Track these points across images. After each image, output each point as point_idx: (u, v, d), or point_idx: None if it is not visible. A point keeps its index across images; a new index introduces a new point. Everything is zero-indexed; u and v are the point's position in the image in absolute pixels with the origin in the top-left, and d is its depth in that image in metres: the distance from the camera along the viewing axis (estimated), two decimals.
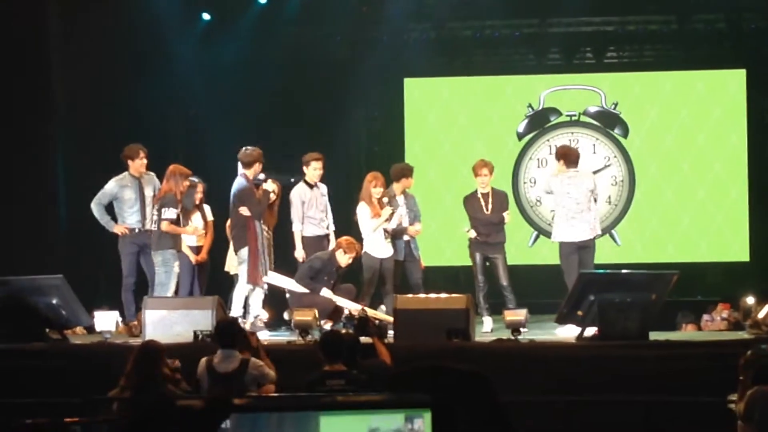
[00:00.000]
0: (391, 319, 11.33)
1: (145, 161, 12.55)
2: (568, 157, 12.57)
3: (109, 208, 12.58)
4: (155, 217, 12.08)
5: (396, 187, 12.75)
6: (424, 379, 4.09)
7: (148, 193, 12.51)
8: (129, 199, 12.47)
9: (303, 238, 12.63)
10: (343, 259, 12.22)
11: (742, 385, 8.41)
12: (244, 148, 12.47)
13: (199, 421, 3.77)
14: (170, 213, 11.93)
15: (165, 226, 11.90)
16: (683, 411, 9.97)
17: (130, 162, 12.55)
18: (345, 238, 12.36)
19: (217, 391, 8.61)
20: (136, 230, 12.43)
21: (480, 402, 4.08)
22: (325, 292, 12.15)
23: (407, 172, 12.89)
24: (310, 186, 12.68)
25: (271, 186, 12.37)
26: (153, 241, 12.07)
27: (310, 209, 12.59)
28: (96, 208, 12.50)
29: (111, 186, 12.55)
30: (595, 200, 12.58)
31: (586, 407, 10.04)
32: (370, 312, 11.71)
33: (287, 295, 12.43)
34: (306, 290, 12.16)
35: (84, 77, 14.53)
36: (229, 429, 3.78)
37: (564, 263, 12.28)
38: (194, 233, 12.41)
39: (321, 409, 3.70)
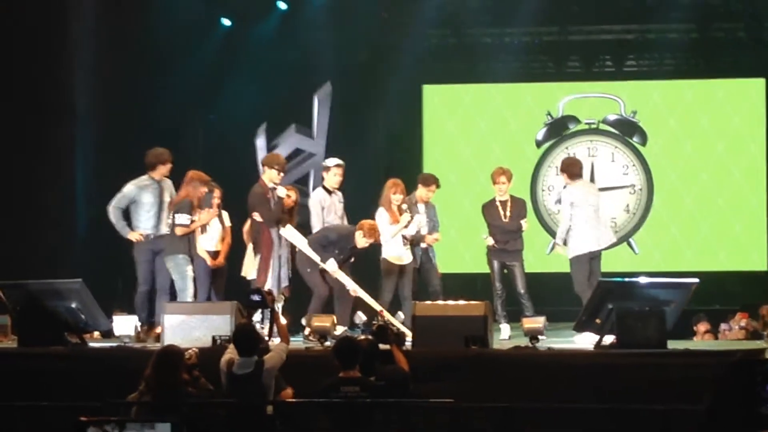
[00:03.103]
0: (408, 332, 11.24)
1: (169, 166, 12.48)
2: (575, 168, 12.55)
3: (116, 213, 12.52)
4: (170, 222, 12.05)
5: (418, 194, 12.74)
6: None
7: (166, 198, 12.40)
8: (147, 203, 12.36)
9: None
10: (361, 241, 12.11)
11: None
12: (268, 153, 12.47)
13: None
14: (183, 219, 11.88)
15: (179, 231, 11.87)
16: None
17: (155, 166, 12.47)
18: (368, 221, 12.22)
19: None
20: (151, 236, 12.30)
21: None
22: (331, 264, 12.07)
23: (430, 180, 12.87)
24: (329, 192, 12.68)
25: (283, 192, 12.35)
26: (166, 245, 12.04)
27: (329, 215, 12.57)
28: (113, 212, 12.32)
29: (130, 189, 12.39)
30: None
31: (604, 415, 10.01)
32: (387, 316, 11.68)
33: (296, 251, 12.34)
34: (315, 255, 12.13)
35: (103, 82, 14.58)
36: None
37: (577, 272, 12.21)
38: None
39: None
